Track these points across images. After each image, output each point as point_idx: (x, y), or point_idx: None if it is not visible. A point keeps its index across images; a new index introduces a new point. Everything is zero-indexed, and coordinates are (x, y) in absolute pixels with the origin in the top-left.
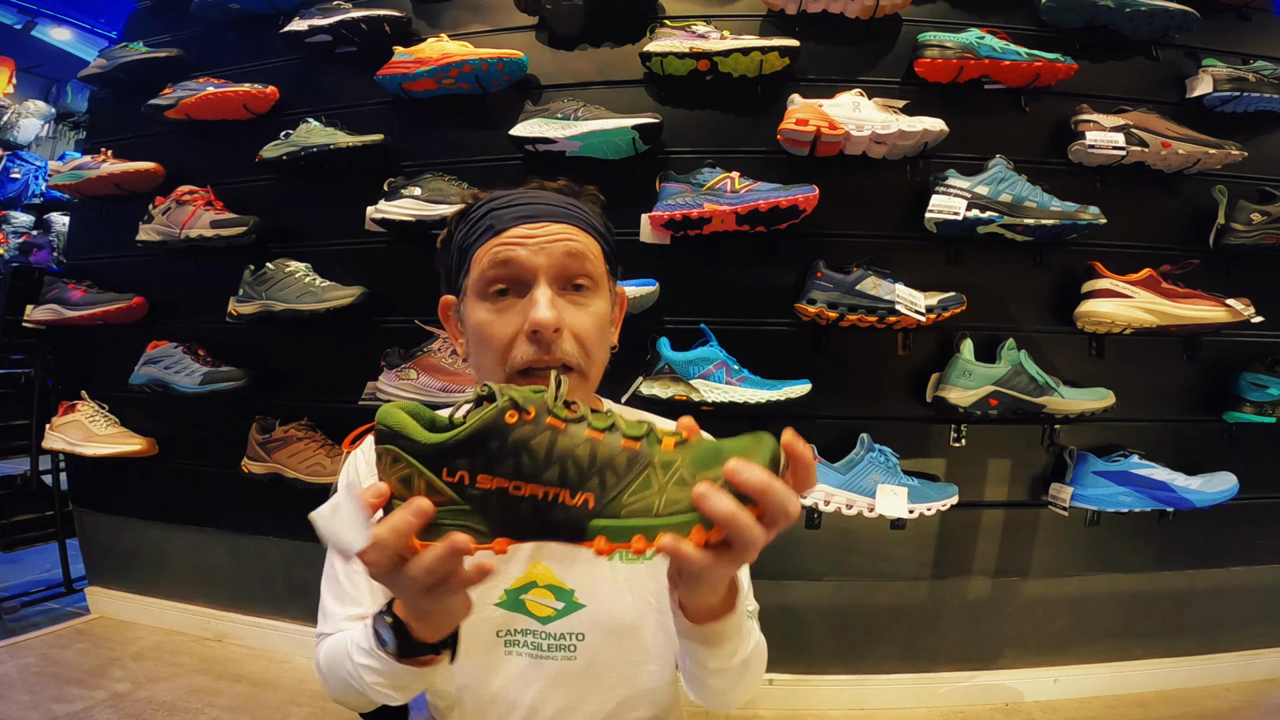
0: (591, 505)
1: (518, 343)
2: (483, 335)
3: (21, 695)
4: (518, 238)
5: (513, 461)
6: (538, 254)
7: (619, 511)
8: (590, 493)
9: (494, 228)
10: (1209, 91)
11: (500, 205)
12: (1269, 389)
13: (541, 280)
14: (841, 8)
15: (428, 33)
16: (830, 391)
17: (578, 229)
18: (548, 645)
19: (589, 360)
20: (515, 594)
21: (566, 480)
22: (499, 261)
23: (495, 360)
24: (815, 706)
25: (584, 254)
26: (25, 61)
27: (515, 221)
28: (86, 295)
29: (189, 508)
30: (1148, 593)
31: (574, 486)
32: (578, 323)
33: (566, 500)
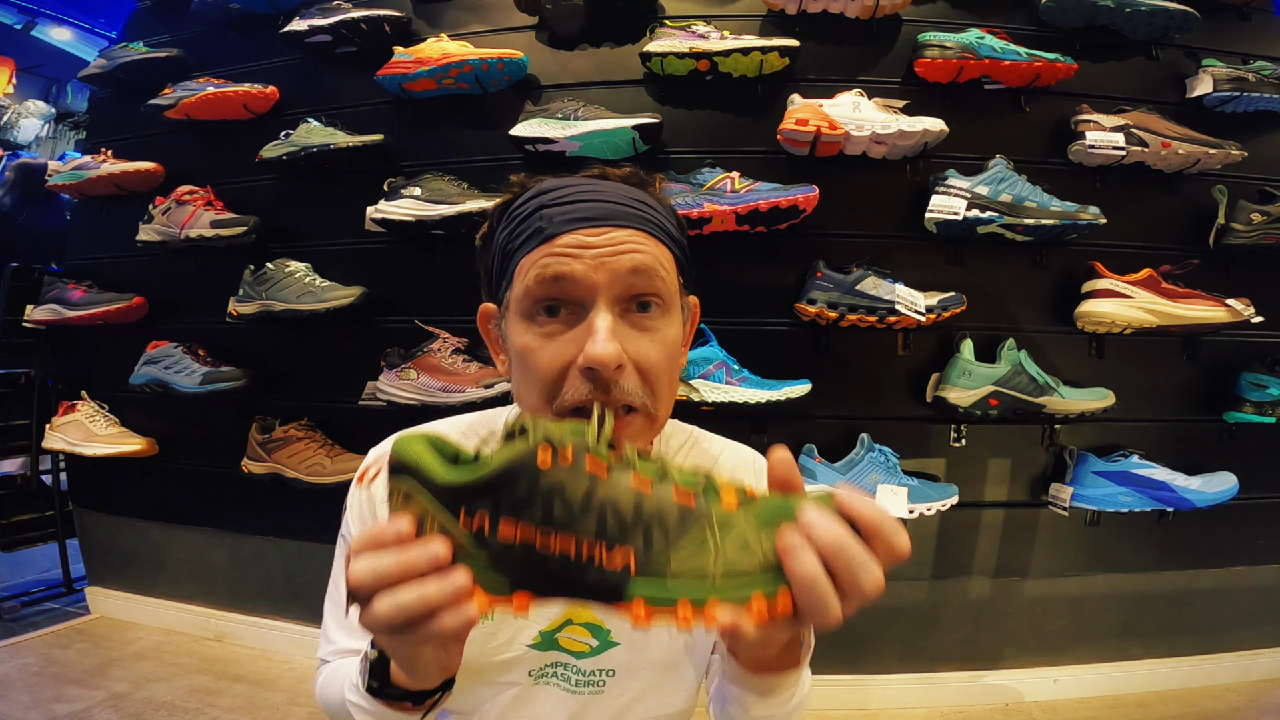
0: (633, 567)
1: (569, 377)
2: (527, 365)
3: (21, 695)
4: (572, 247)
5: (542, 509)
6: (597, 269)
7: (664, 573)
8: (631, 550)
9: (544, 231)
10: (1209, 91)
11: (552, 202)
12: (1269, 389)
13: (601, 303)
14: (841, 8)
15: (428, 33)
16: (830, 391)
17: (647, 235)
18: (576, 680)
19: (655, 399)
20: (550, 634)
21: (605, 534)
22: (548, 278)
23: (540, 395)
24: (815, 706)
25: (653, 269)
26: (25, 61)
27: (570, 225)
28: (86, 295)
29: (189, 508)
30: (1148, 593)
31: (612, 541)
32: (644, 355)
33: (603, 559)
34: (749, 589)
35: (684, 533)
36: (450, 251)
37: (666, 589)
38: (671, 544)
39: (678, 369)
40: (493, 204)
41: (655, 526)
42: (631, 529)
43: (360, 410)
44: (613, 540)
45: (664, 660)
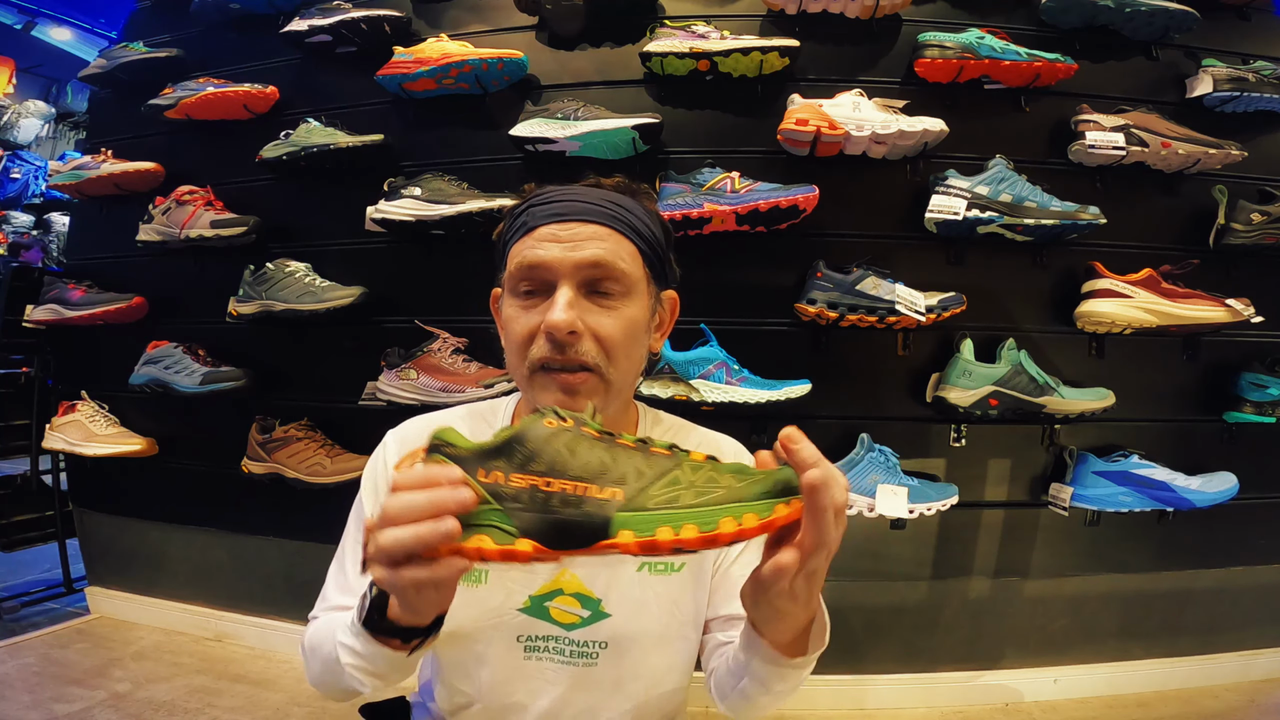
0: (620, 498)
1: (537, 341)
2: (508, 330)
3: (21, 695)
4: (545, 238)
5: (546, 459)
6: (562, 255)
7: (646, 504)
8: (619, 487)
9: (528, 225)
10: (1209, 91)
11: (538, 202)
12: (1269, 389)
13: (564, 284)
14: (841, 8)
15: (428, 33)
16: (830, 391)
17: (611, 229)
18: (570, 652)
19: (610, 363)
20: (540, 600)
21: (595, 476)
22: (526, 262)
23: (516, 356)
24: (815, 706)
25: (611, 261)
26: (25, 61)
27: (546, 220)
28: (86, 295)
29: (189, 508)
30: (1148, 593)
31: (603, 481)
32: (600, 326)
33: (594, 493)
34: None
35: (660, 476)
36: (450, 251)
37: (646, 518)
38: (650, 483)
39: (638, 347)
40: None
41: (635, 470)
42: (615, 469)
43: (360, 410)
44: (602, 479)
45: (658, 632)
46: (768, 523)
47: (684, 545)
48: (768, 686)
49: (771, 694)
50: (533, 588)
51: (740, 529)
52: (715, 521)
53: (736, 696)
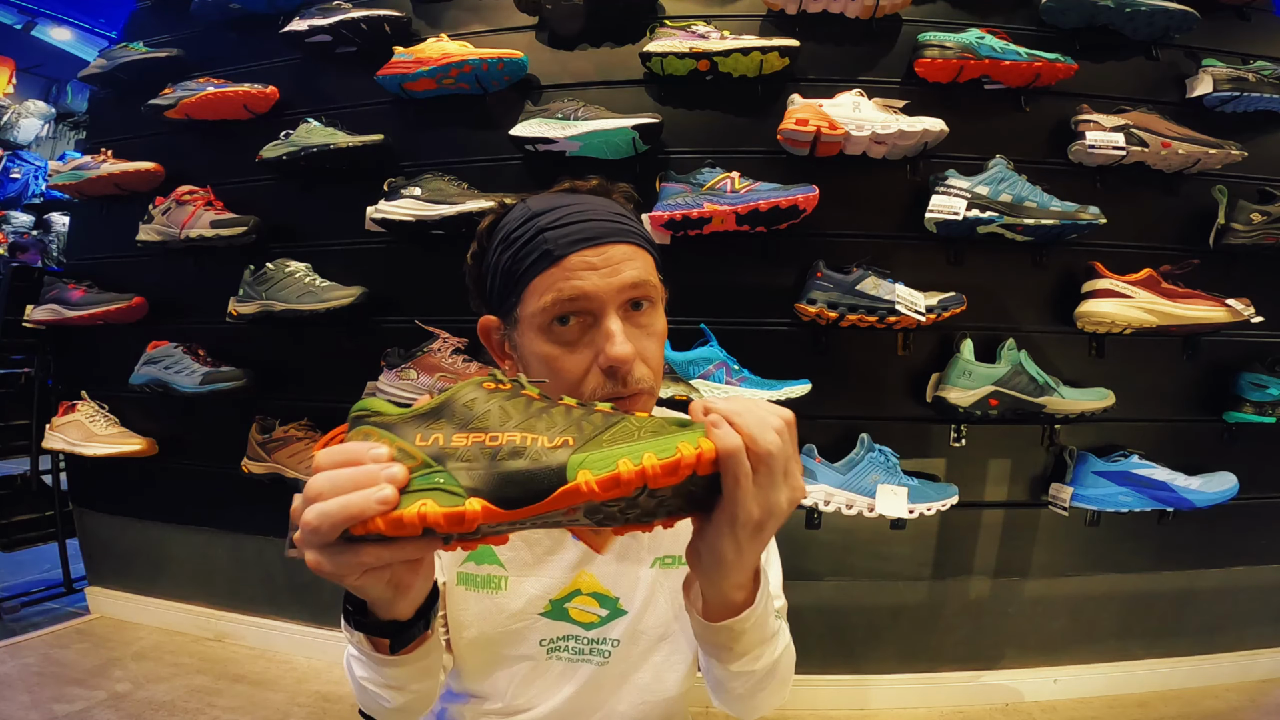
0: (572, 443)
1: (590, 376)
2: (553, 370)
3: (21, 695)
4: (580, 267)
5: (488, 418)
6: (604, 284)
7: (599, 445)
8: (568, 435)
9: (551, 253)
10: (1209, 91)
11: (550, 225)
12: (1269, 389)
13: (611, 312)
14: (841, 8)
15: (428, 33)
16: (830, 391)
17: (635, 246)
18: (589, 650)
19: (657, 380)
20: (560, 603)
21: (542, 429)
22: (565, 295)
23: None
24: (815, 706)
25: (646, 279)
26: (25, 61)
27: (574, 247)
28: (86, 295)
29: (189, 508)
30: (1148, 593)
31: (551, 432)
32: (646, 348)
33: (544, 443)
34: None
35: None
36: (450, 251)
37: (603, 455)
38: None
39: (664, 351)
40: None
41: (583, 422)
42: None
43: None
44: (550, 430)
45: (664, 627)
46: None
47: (648, 476)
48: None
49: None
50: (553, 592)
51: (700, 452)
52: (673, 446)
53: (713, 687)
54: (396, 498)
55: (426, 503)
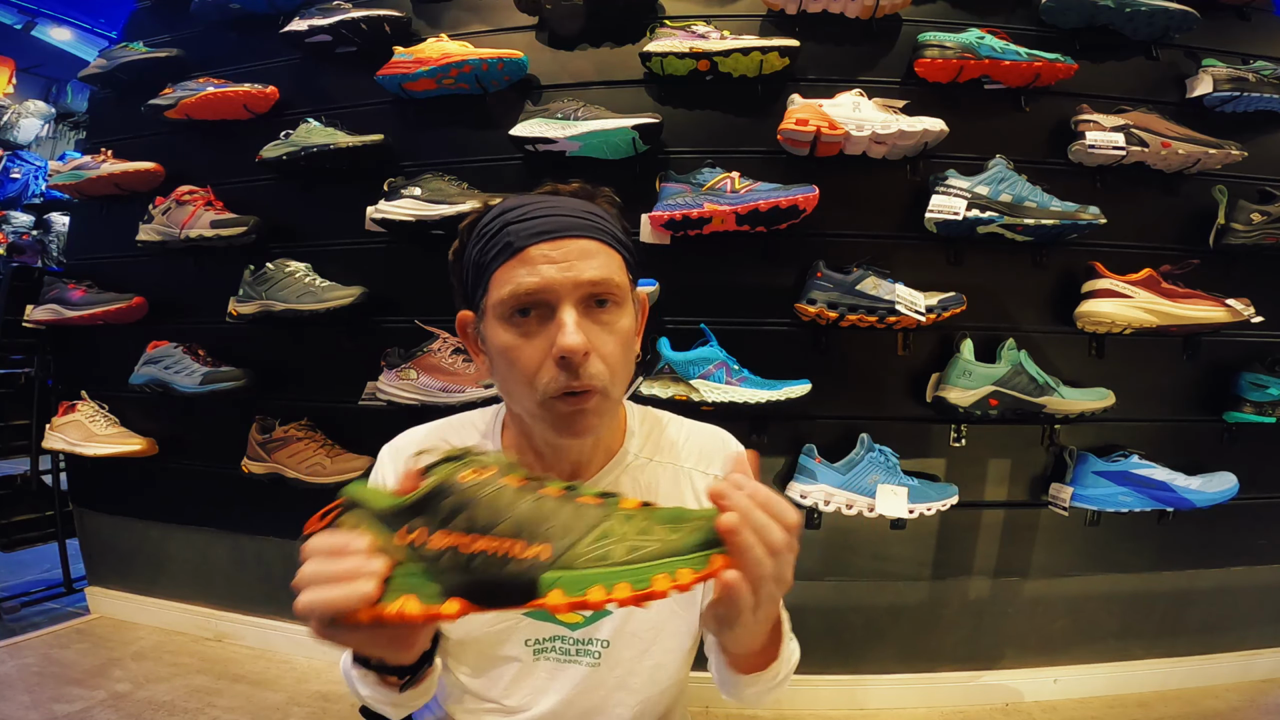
0: (546, 557)
1: (545, 368)
2: (510, 359)
3: (21, 695)
4: (538, 260)
5: (467, 516)
6: (561, 276)
7: (574, 562)
8: (545, 544)
9: (512, 245)
10: (1209, 91)
11: (516, 219)
12: (1269, 389)
13: (566, 303)
14: (841, 8)
15: (428, 33)
16: (830, 391)
17: (599, 243)
18: (576, 650)
19: (614, 380)
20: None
21: (520, 533)
22: (522, 288)
23: (524, 386)
24: (815, 706)
25: (607, 276)
26: (25, 61)
27: (534, 239)
28: (86, 295)
29: (189, 508)
30: (1148, 593)
31: (528, 538)
32: (604, 343)
33: (519, 553)
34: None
35: (589, 529)
36: (450, 252)
37: (577, 577)
38: (579, 536)
39: (631, 355)
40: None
41: (564, 524)
42: (541, 528)
43: (360, 410)
44: (528, 536)
45: (656, 627)
46: (703, 575)
47: (618, 603)
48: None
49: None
50: None
51: (675, 584)
52: (648, 579)
53: (723, 685)
54: (378, 594)
55: (407, 600)
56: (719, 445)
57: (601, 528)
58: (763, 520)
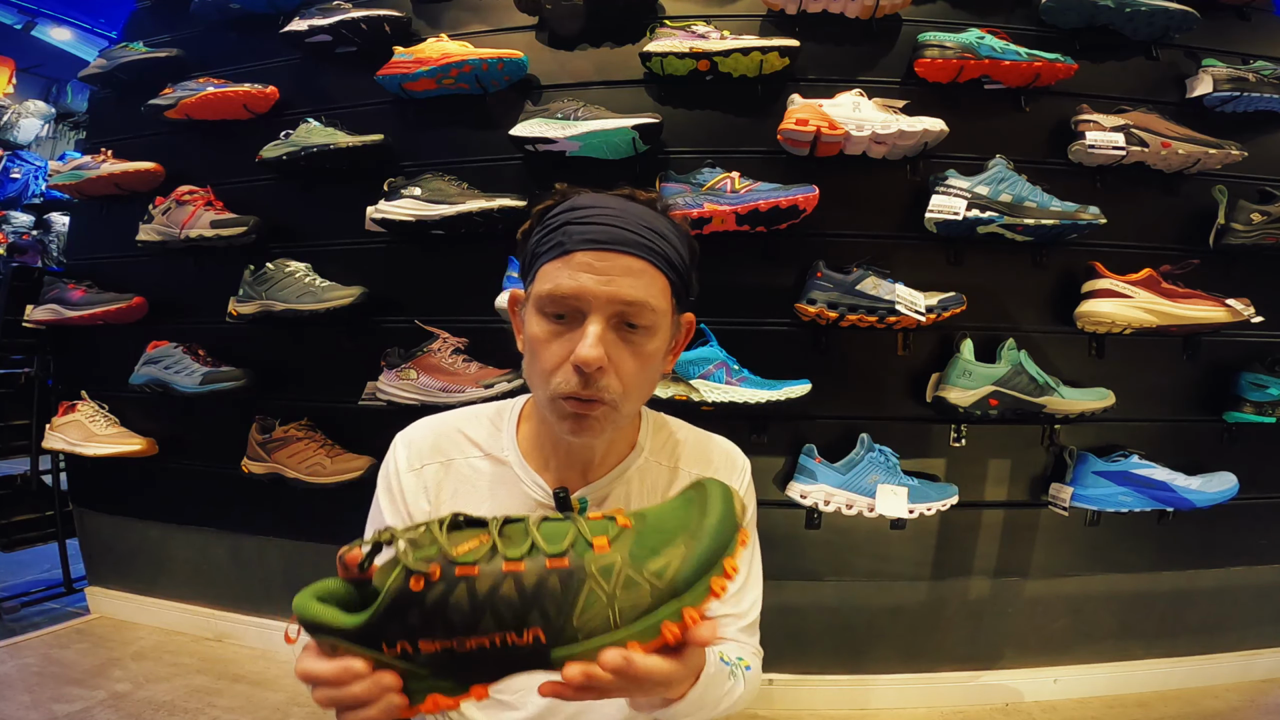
0: (543, 639)
1: (562, 369)
2: (534, 350)
3: (21, 695)
4: (581, 266)
5: (442, 623)
6: (597, 288)
7: (576, 636)
8: (536, 627)
9: (563, 245)
10: (1209, 91)
11: (576, 220)
12: (1269, 389)
13: (595, 316)
14: (841, 8)
15: (428, 33)
16: (830, 391)
17: (647, 264)
18: None
19: (627, 398)
20: None
21: (505, 624)
22: (559, 291)
23: (541, 379)
24: (815, 706)
25: (643, 301)
26: (25, 61)
27: (583, 245)
28: (86, 295)
29: (189, 508)
30: (1148, 593)
31: (516, 627)
32: (623, 363)
33: (515, 641)
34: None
35: (572, 595)
36: (450, 251)
37: (581, 648)
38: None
39: (655, 376)
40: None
41: (545, 599)
42: (525, 609)
43: (360, 410)
44: (514, 625)
45: None
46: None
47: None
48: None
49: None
50: None
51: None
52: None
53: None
54: (406, 701)
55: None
56: (726, 456)
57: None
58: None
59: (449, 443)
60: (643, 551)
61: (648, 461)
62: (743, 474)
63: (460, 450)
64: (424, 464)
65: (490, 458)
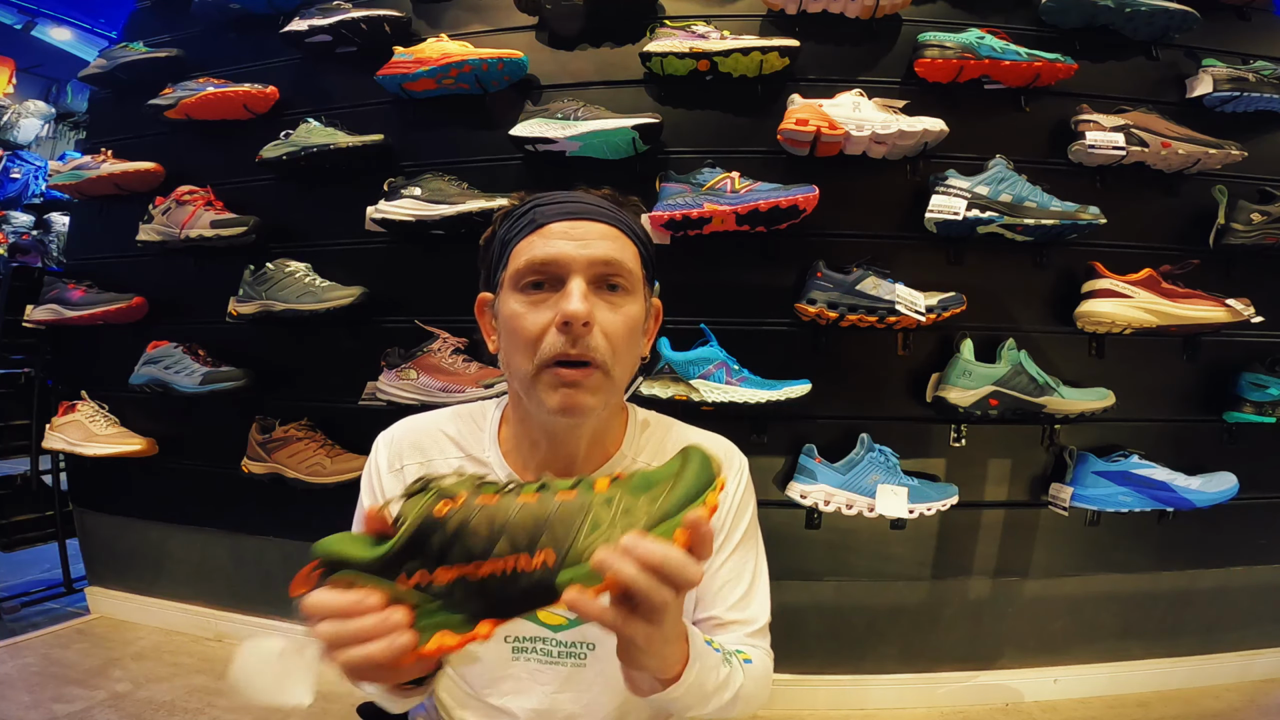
0: (551, 562)
1: (548, 334)
2: (514, 326)
3: (21, 695)
4: (557, 235)
5: (461, 548)
6: (575, 251)
7: (580, 558)
8: (547, 549)
9: (535, 221)
10: (1209, 91)
11: (544, 202)
12: (1269, 389)
13: (576, 275)
14: (841, 8)
15: (428, 33)
16: (830, 391)
17: (617, 231)
18: (558, 652)
19: (615, 359)
20: None
21: (518, 546)
22: (538, 256)
23: (524, 352)
24: (815, 706)
25: (620, 259)
26: (25, 61)
27: (557, 217)
28: (86, 295)
29: (189, 508)
30: (1148, 593)
31: (529, 549)
32: (608, 321)
33: (525, 566)
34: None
35: (579, 521)
36: (450, 251)
37: (588, 571)
38: (574, 531)
39: (636, 346)
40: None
41: (556, 523)
42: (537, 533)
43: (360, 410)
44: (527, 547)
45: None
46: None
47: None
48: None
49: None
50: None
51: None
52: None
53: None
54: (415, 639)
55: (441, 636)
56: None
57: (590, 518)
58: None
59: (429, 441)
60: (637, 490)
61: (634, 463)
62: (739, 474)
63: (440, 450)
64: (404, 464)
65: (470, 458)
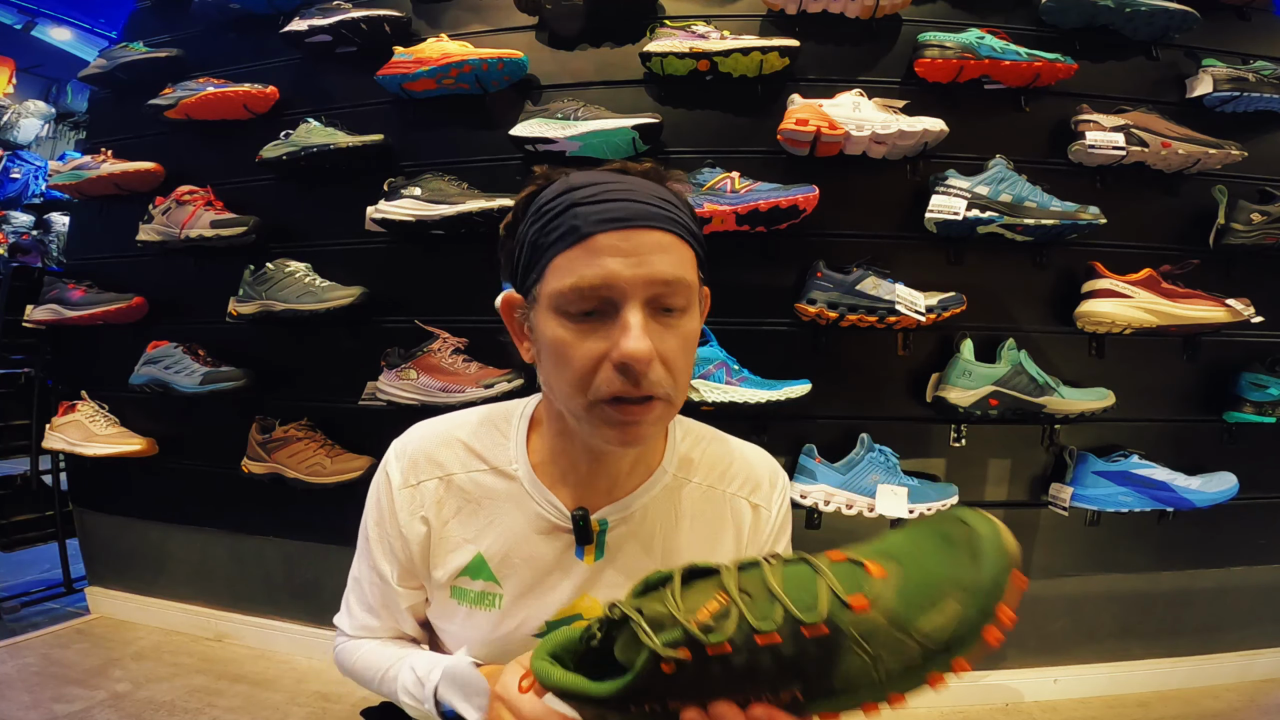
0: (800, 697)
1: (601, 371)
2: (561, 355)
3: (21, 695)
4: (605, 250)
5: (695, 692)
6: (629, 272)
7: (832, 694)
8: (794, 689)
9: (579, 230)
10: (1209, 91)
11: (584, 200)
12: (1269, 389)
13: (632, 302)
14: (841, 8)
15: (428, 33)
16: (830, 391)
17: (673, 236)
18: None
19: (677, 387)
20: (556, 625)
21: (761, 689)
22: (586, 281)
23: (575, 386)
24: None
25: (680, 277)
26: (25, 61)
27: (602, 226)
28: (86, 295)
29: (189, 508)
30: (1148, 593)
31: (773, 689)
32: (668, 349)
33: (771, 700)
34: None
35: (832, 659)
36: (450, 251)
37: (840, 703)
38: (826, 674)
39: (694, 356)
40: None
41: (804, 665)
42: (782, 675)
43: (360, 410)
44: (771, 688)
45: None
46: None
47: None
48: None
49: None
50: (550, 613)
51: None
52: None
53: None
54: None
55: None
56: (765, 472)
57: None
58: None
59: (447, 454)
60: (909, 610)
61: (676, 479)
62: (785, 491)
63: (461, 463)
64: (420, 480)
65: (495, 471)
